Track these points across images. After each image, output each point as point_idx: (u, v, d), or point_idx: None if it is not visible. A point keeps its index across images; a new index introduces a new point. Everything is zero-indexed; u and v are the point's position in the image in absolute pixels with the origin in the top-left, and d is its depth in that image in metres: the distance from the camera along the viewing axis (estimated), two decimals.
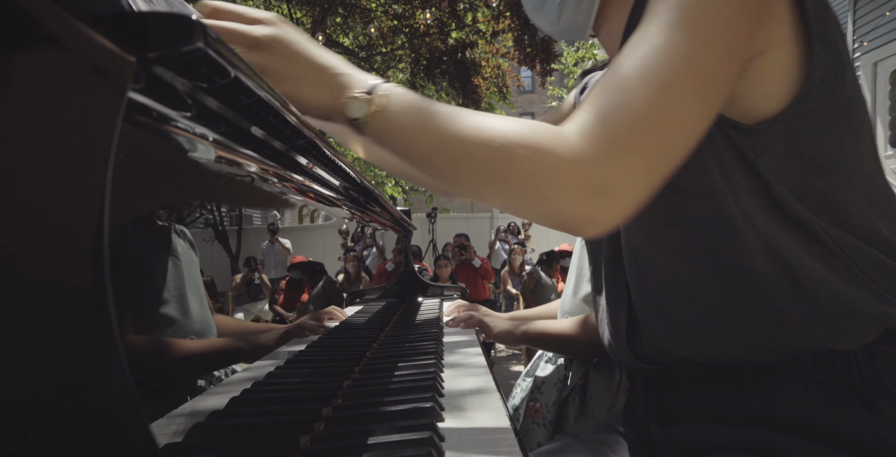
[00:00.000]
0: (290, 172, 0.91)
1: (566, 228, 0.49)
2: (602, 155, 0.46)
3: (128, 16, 0.29)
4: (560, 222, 0.48)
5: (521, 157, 0.47)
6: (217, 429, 0.49)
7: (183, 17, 0.30)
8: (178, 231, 0.63)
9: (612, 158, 0.46)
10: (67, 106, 0.25)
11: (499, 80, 7.43)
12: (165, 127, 0.52)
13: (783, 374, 0.55)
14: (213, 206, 0.77)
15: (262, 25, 0.55)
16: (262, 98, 0.53)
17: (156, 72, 0.39)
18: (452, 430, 0.52)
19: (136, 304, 0.57)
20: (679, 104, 0.46)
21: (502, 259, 7.05)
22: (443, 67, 6.96)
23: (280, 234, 1.05)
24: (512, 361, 4.93)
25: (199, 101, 0.50)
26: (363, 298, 1.73)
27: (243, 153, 0.73)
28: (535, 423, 1.14)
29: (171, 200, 0.66)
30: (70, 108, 0.25)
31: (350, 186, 1.22)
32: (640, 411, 0.68)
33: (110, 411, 0.27)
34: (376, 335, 0.97)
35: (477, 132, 0.49)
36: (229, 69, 0.42)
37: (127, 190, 0.54)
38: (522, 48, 6.61)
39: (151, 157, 0.58)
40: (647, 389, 0.68)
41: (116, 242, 0.49)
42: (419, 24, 6.79)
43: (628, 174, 0.46)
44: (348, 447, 0.46)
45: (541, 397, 1.15)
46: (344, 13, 6.51)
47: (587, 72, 1.16)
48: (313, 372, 0.71)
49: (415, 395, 0.59)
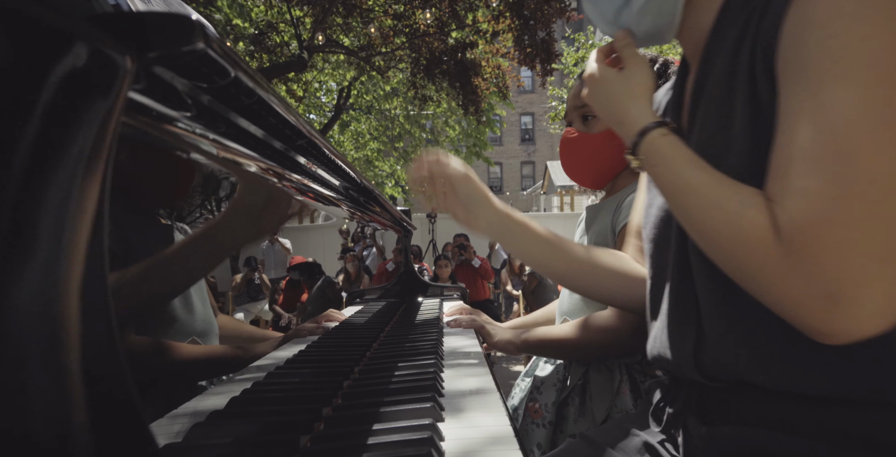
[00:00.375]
0: (290, 171, 0.91)
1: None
2: (820, 257, 0.42)
3: (127, 16, 0.29)
4: (798, 327, 0.46)
5: (738, 257, 0.48)
6: (217, 429, 0.49)
7: (183, 17, 0.30)
8: (180, 229, 0.63)
9: (829, 257, 0.42)
10: (67, 105, 0.25)
11: (499, 81, 7.43)
12: (166, 127, 0.52)
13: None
14: (213, 206, 0.77)
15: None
16: (262, 98, 0.53)
17: (156, 72, 0.39)
18: (452, 430, 0.52)
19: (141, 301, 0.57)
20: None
21: (502, 259, 7.05)
22: (443, 67, 6.96)
23: (280, 234, 1.05)
24: (512, 361, 4.93)
25: (199, 101, 0.50)
26: (363, 298, 1.73)
27: (243, 153, 0.73)
28: (535, 423, 1.13)
29: (172, 199, 0.66)
30: (70, 108, 0.25)
31: (350, 185, 1.22)
32: (678, 408, 0.65)
33: (110, 410, 0.27)
34: (376, 335, 0.97)
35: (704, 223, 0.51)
36: (229, 69, 0.42)
37: (129, 189, 0.54)
38: (522, 48, 6.61)
39: (151, 156, 0.58)
40: (689, 389, 0.64)
41: (120, 240, 0.49)
42: (419, 23, 6.79)
43: (860, 276, 0.41)
44: (348, 447, 0.46)
45: (540, 397, 1.15)
46: (344, 13, 6.51)
47: None
48: (313, 372, 0.71)
49: (415, 395, 0.59)
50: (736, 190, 0.51)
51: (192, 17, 0.31)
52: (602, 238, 1.11)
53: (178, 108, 0.49)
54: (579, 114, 1.14)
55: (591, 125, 1.13)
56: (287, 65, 6.36)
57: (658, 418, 0.69)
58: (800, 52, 0.47)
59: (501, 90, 7.57)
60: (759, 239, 0.47)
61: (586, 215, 1.23)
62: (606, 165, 1.14)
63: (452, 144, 10.44)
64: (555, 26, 6.63)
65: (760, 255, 0.46)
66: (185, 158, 0.64)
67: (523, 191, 25.06)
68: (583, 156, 1.16)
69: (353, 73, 8.04)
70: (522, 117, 25.64)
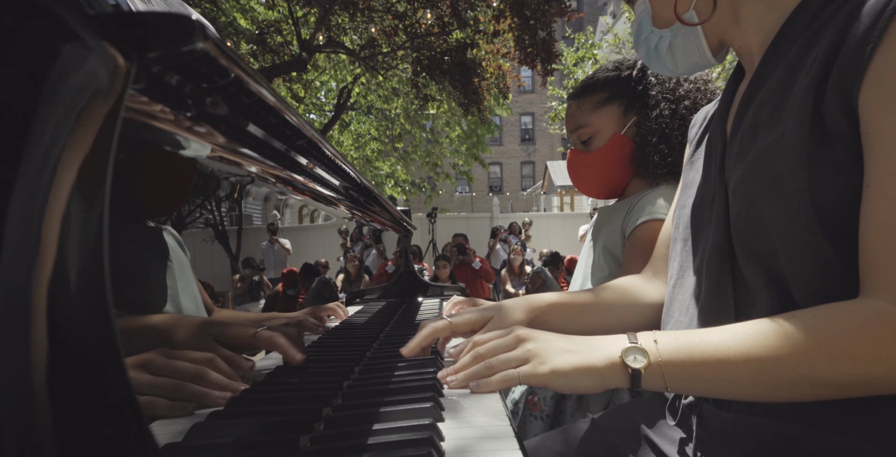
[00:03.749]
0: (290, 171, 0.91)
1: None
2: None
3: (127, 16, 0.29)
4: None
5: (863, 361, 0.46)
6: (217, 429, 0.49)
7: (183, 17, 0.30)
8: (167, 231, 0.63)
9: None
10: (67, 105, 0.25)
11: (499, 81, 7.43)
12: (165, 126, 0.52)
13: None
14: (213, 206, 0.77)
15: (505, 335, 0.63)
16: (262, 98, 0.53)
17: (156, 72, 0.39)
18: (452, 430, 0.52)
19: (133, 304, 0.57)
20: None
21: (502, 259, 7.05)
22: (444, 67, 6.97)
23: (280, 234, 1.05)
24: None
25: (199, 100, 0.50)
26: (363, 298, 1.73)
27: (243, 153, 0.73)
28: (533, 416, 1.15)
29: (169, 199, 0.66)
30: (70, 108, 0.25)
31: (350, 185, 1.22)
32: (695, 397, 0.65)
33: (110, 410, 0.27)
34: (376, 335, 0.97)
35: (794, 351, 0.48)
36: (229, 69, 0.42)
37: (124, 191, 0.54)
38: (523, 48, 6.61)
39: (151, 156, 0.58)
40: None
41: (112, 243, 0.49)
42: (420, 23, 6.79)
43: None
44: (348, 447, 0.46)
45: (539, 390, 1.16)
46: (346, 12, 6.51)
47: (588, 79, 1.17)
48: (313, 372, 0.71)
49: (415, 395, 0.59)
50: (805, 320, 0.49)
51: (192, 17, 0.31)
52: (612, 240, 1.14)
53: (177, 108, 0.49)
54: (577, 137, 1.17)
55: (590, 145, 1.15)
56: (287, 65, 6.37)
57: (674, 412, 0.70)
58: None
59: (502, 90, 7.58)
60: (862, 333, 0.46)
61: (598, 217, 1.26)
62: (614, 177, 1.18)
63: (452, 144, 10.44)
64: (555, 26, 6.63)
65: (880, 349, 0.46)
66: (184, 157, 0.64)
67: (523, 191, 25.06)
68: (589, 174, 1.19)
69: (359, 71, 8.04)
70: (522, 117, 25.64)
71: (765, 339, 0.50)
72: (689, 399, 0.66)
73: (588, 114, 1.14)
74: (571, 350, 0.58)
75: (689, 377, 0.54)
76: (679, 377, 0.54)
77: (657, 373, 0.54)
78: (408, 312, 1.40)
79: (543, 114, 21.52)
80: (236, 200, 0.85)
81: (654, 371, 0.54)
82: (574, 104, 1.17)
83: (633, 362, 0.55)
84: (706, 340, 0.54)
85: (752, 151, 0.57)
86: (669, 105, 1.07)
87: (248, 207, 0.90)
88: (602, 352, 0.57)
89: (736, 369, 0.51)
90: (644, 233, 1.04)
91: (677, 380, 0.54)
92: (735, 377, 0.52)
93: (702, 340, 0.54)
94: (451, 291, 1.90)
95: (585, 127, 1.14)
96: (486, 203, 21.67)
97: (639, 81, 1.12)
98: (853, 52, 0.48)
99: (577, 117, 1.16)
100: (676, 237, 0.74)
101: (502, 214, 11.41)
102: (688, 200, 0.73)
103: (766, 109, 0.57)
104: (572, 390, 0.58)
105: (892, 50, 0.46)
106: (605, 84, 1.13)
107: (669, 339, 0.56)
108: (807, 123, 0.50)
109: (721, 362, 0.52)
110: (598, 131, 1.14)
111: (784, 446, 0.53)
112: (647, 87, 1.11)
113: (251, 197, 0.91)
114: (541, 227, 10.81)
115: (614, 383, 0.56)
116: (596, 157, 1.15)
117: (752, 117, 0.59)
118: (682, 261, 0.72)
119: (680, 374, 0.54)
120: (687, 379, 0.54)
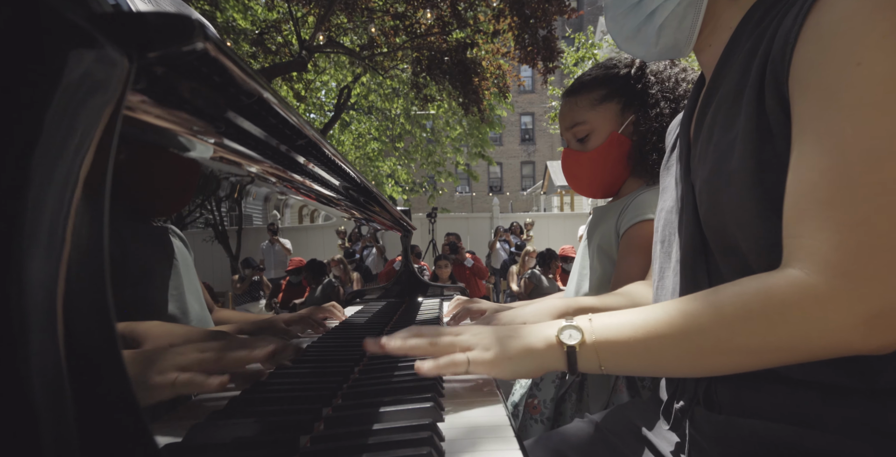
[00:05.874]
0: (290, 171, 0.91)
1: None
2: (857, 284, 0.45)
3: (127, 16, 0.29)
4: (840, 355, 0.48)
5: (773, 323, 0.48)
6: (217, 429, 0.49)
7: (183, 17, 0.30)
8: (172, 231, 0.63)
9: (869, 283, 0.45)
10: (68, 105, 0.25)
11: (499, 81, 7.43)
12: (165, 126, 0.52)
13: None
14: (214, 206, 0.77)
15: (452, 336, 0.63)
16: (262, 98, 0.53)
17: (156, 72, 0.39)
18: (452, 430, 0.52)
19: (138, 303, 0.57)
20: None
21: (502, 259, 7.05)
22: (444, 67, 6.96)
23: (280, 234, 1.05)
24: None
25: (199, 100, 0.50)
26: (363, 298, 1.73)
27: (244, 153, 0.73)
28: (533, 419, 1.15)
29: (171, 199, 0.66)
30: (70, 107, 0.25)
31: (350, 185, 1.22)
32: (687, 402, 0.65)
33: (110, 410, 0.27)
34: (376, 335, 0.97)
35: (715, 318, 0.51)
36: (229, 69, 0.42)
37: (124, 190, 0.54)
38: (524, 47, 6.60)
39: (151, 156, 0.58)
40: (697, 381, 0.65)
41: (116, 242, 0.49)
42: (420, 23, 6.79)
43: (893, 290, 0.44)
44: (348, 447, 0.46)
45: (539, 393, 1.16)
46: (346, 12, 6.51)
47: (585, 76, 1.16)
48: (313, 372, 0.71)
49: (415, 395, 0.59)
50: (725, 291, 0.52)
51: (192, 17, 0.31)
52: (606, 240, 1.13)
53: (177, 108, 0.49)
54: (572, 134, 1.16)
55: (586, 144, 1.14)
56: (287, 65, 6.36)
57: (668, 416, 0.70)
58: (820, 76, 0.49)
59: (502, 90, 7.57)
60: (779, 295, 0.48)
61: (593, 216, 1.25)
62: (610, 176, 1.17)
63: (454, 144, 10.44)
64: (555, 25, 6.63)
65: (794, 311, 0.48)
66: (184, 157, 0.64)
67: (523, 191, 25.05)
68: (585, 173, 1.18)
69: (359, 71, 8.03)
70: (522, 117, 25.63)
71: (691, 309, 0.53)
72: (682, 403, 0.66)
73: (585, 111, 1.13)
74: (513, 336, 0.60)
75: (622, 353, 0.56)
76: (613, 353, 0.56)
77: (591, 350, 0.56)
78: (408, 312, 1.40)
79: (543, 114, 21.52)
80: (236, 200, 0.85)
81: (589, 349, 0.57)
82: (570, 101, 1.16)
83: (567, 339, 0.57)
84: (639, 316, 0.56)
85: (711, 151, 0.59)
86: (669, 104, 1.07)
87: (249, 207, 0.90)
88: (540, 334, 0.59)
89: (664, 342, 0.53)
90: (637, 233, 1.04)
91: (611, 356, 0.56)
92: (664, 350, 0.54)
93: (635, 316, 0.56)
94: (452, 291, 1.90)
95: (582, 124, 1.13)
96: (486, 203, 21.66)
97: (637, 80, 1.11)
98: (780, 51, 0.53)
99: (573, 114, 1.14)
100: (656, 240, 0.76)
101: (502, 214, 11.41)
102: (664, 203, 0.74)
103: (721, 111, 0.60)
104: (515, 375, 0.59)
105: (804, 45, 0.51)
106: (603, 82, 1.13)
107: (603, 317, 0.59)
108: (753, 120, 0.54)
109: (650, 335, 0.54)
110: (595, 129, 1.12)
111: (775, 446, 0.54)
112: (647, 85, 1.10)
113: (251, 197, 0.91)
114: (541, 227, 10.81)
115: (553, 363, 0.58)
116: (592, 155, 1.14)
117: (710, 119, 0.61)
118: (661, 263, 0.73)
119: (613, 349, 0.56)
120: (621, 355, 0.56)
